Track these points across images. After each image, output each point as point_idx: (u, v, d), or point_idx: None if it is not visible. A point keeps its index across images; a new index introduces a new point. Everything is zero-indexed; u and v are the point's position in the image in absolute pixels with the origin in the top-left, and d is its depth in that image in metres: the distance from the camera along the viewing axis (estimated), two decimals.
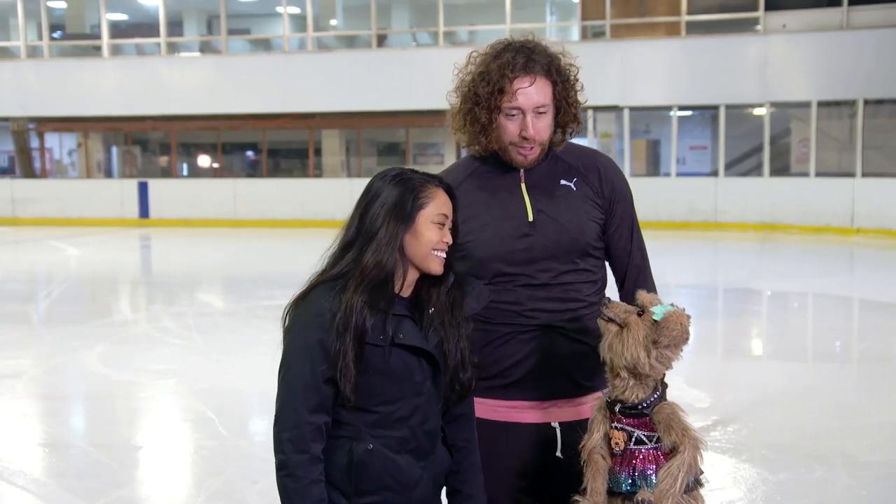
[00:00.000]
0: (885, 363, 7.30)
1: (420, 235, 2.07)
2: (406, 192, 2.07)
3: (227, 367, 7.12)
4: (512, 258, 2.31)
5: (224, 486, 4.50)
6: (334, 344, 2.00)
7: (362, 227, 2.08)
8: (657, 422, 2.04)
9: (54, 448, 5.24)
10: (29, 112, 21.97)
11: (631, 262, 2.43)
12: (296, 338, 2.05)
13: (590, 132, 19.16)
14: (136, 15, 24.50)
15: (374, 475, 2.05)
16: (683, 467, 1.97)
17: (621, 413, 2.07)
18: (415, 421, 2.09)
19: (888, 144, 17.51)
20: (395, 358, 2.05)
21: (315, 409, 2.02)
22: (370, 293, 2.02)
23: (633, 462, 2.05)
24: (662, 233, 16.94)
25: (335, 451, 2.06)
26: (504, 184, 2.37)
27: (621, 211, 2.42)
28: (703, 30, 19.11)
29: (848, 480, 4.58)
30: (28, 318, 9.69)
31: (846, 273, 13.60)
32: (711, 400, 6.17)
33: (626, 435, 2.06)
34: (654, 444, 2.05)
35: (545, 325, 2.30)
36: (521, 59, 2.27)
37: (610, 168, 2.46)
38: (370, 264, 2.03)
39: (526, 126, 2.27)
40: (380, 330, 2.03)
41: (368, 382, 2.04)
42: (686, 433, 2.00)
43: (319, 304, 2.03)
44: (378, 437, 2.06)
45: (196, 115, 21.29)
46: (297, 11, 22.43)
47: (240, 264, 14.73)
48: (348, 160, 23.34)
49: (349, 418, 2.06)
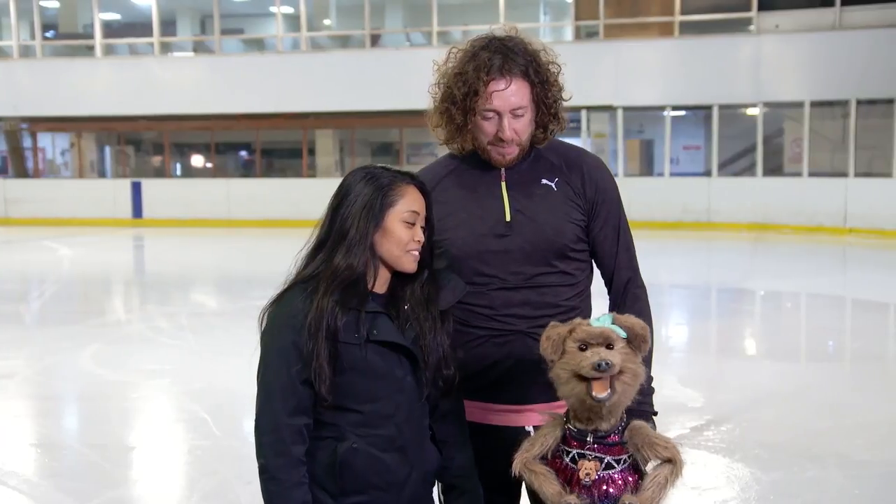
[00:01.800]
0: (877, 363, 7.32)
1: (390, 234, 2.06)
2: (375, 191, 2.06)
3: (220, 367, 7.10)
4: (487, 258, 2.27)
5: (217, 487, 4.49)
6: (307, 345, 1.99)
7: (333, 227, 2.08)
8: (634, 442, 1.96)
9: (47, 448, 5.22)
10: (21, 112, 21.91)
11: (617, 265, 2.35)
12: (271, 340, 2.06)
13: (583, 132, 19.18)
14: (129, 14, 24.45)
15: (359, 474, 2.05)
16: (672, 477, 1.94)
17: (595, 442, 1.96)
18: (400, 417, 2.08)
19: (881, 144, 17.55)
20: (373, 355, 2.04)
21: (294, 411, 2.02)
22: (341, 293, 2.02)
23: (604, 488, 1.96)
24: (656, 232, 16.95)
25: (319, 451, 2.05)
26: (483, 182, 2.33)
27: (606, 212, 2.34)
28: (697, 30, 19.14)
29: (841, 480, 4.59)
30: (21, 319, 9.67)
31: (839, 273, 13.63)
32: (704, 399, 6.17)
33: (598, 463, 1.96)
34: (621, 468, 1.97)
35: (519, 330, 2.27)
36: (497, 60, 2.22)
37: (595, 167, 2.37)
38: (341, 266, 2.03)
39: (503, 128, 2.24)
40: (353, 328, 2.03)
41: (348, 381, 2.03)
42: (671, 445, 1.95)
43: (292, 305, 2.04)
44: (363, 436, 2.05)
45: (189, 115, 21.24)
46: (290, 11, 22.40)
47: (233, 264, 14.71)
48: (342, 160, 23.31)
49: (332, 418, 2.05)
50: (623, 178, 19.21)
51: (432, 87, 2.35)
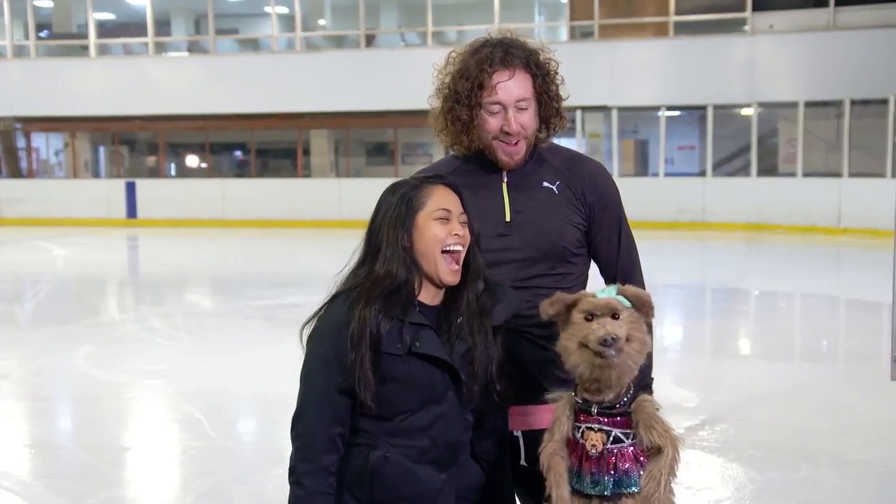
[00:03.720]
0: (871, 362, 7.32)
1: (424, 234, 2.08)
2: (401, 198, 2.09)
3: (214, 367, 7.09)
4: (487, 257, 2.27)
5: (212, 487, 4.49)
6: (350, 355, 2.00)
7: (370, 243, 2.11)
8: (638, 419, 1.97)
9: (41, 449, 5.21)
10: (15, 112, 21.86)
11: (619, 271, 2.36)
12: (313, 349, 2.07)
13: (578, 132, 19.19)
14: (124, 14, 24.40)
15: (389, 483, 2.04)
16: (665, 469, 1.92)
17: (599, 413, 1.98)
18: (436, 431, 2.06)
19: (875, 145, 17.59)
20: (415, 367, 2.04)
21: (329, 420, 2.03)
22: (383, 301, 2.03)
23: (611, 461, 1.97)
24: (650, 233, 16.96)
25: (353, 457, 2.06)
26: (485, 182, 2.34)
27: (608, 218, 2.36)
28: (691, 30, 19.17)
29: (835, 479, 4.60)
30: (14, 319, 9.64)
31: (833, 273, 13.66)
32: (699, 399, 6.18)
33: (604, 435, 1.97)
34: (630, 441, 1.97)
35: (510, 328, 2.27)
36: (499, 52, 2.26)
37: (597, 173, 2.39)
38: (380, 274, 2.05)
39: (508, 121, 2.26)
40: (396, 339, 2.03)
41: (386, 391, 2.03)
42: (667, 433, 1.95)
43: (335, 315, 2.05)
44: (397, 445, 2.04)
45: (184, 115, 21.22)
46: (285, 11, 22.38)
47: (228, 264, 14.69)
48: (337, 160, 23.31)
49: (367, 426, 2.05)
50: (618, 178, 19.15)
51: (432, 97, 2.38)
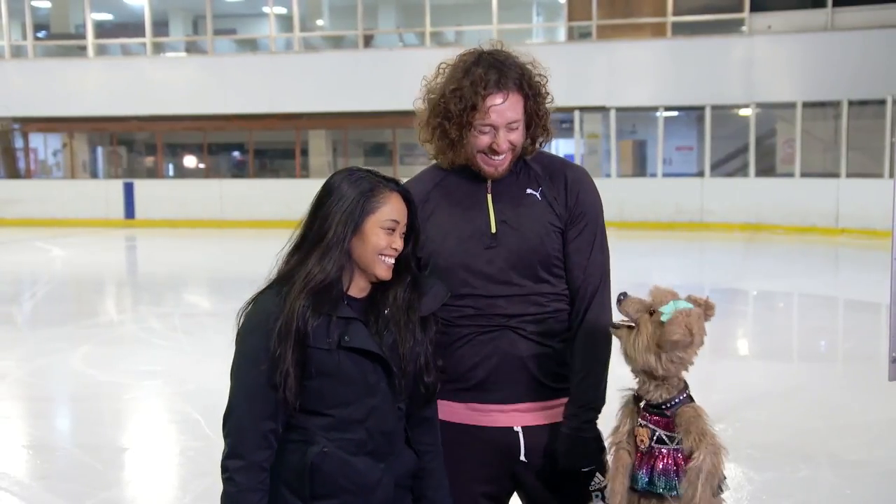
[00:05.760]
0: (869, 362, 7.33)
1: (367, 240, 2.04)
2: (358, 196, 2.04)
3: (212, 367, 7.06)
4: (474, 268, 2.28)
5: (210, 488, 4.48)
6: (276, 349, 1.98)
7: (312, 227, 2.06)
8: (678, 424, 2.03)
9: (39, 450, 5.21)
10: (13, 112, 21.84)
11: (585, 280, 2.33)
12: (242, 343, 2.05)
13: (576, 132, 19.20)
14: (122, 15, 24.39)
15: (329, 478, 2.03)
16: (702, 474, 1.95)
17: (646, 410, 2.08)
18: (371, 423, 2.06)
19: (872, 145, 17.60)
20: (345, 361, 2.02)
21: (259, 415, 2.00)
22: (313, 297, 2.00)
23: (652, 461, 2.03)
24: (649, 233, 16.99)
25: (290, 454, 2.04)
26: (470, 193, 2.34)
27: (584, 225, 2.34)
28: (689, 31, 19.18)
29: (833, 479, 4.61)
30: (12, 320, 9.63)
31: (831, 273, 13.68)
32: (697, 400, 6.16)
33: (649, 432, 2.05)
34: (674, 446, 2.02)
35: (505, 325, 2.27)
36: (493, 75, 2.24)
37: (578, 179, 2.37)
38: (314, 270, 2.01)
39: (498, 142, 2.26)
40: (324, 333, 2.01)
41: (318, 386, 2.02)
42: (703, 438, 1.98)
43: (265, 308, 2.03)
44: (333, 439, 2.03)
45: (182, 116, 21.21)
46: (283, 11, 22.37)
47: (226, 265, 14.68)
48: (335, 161, 23.29)
49: (303, 422, 2.04)
50: (616, 178, 19.24)
51: (417, 102, 2.37)
